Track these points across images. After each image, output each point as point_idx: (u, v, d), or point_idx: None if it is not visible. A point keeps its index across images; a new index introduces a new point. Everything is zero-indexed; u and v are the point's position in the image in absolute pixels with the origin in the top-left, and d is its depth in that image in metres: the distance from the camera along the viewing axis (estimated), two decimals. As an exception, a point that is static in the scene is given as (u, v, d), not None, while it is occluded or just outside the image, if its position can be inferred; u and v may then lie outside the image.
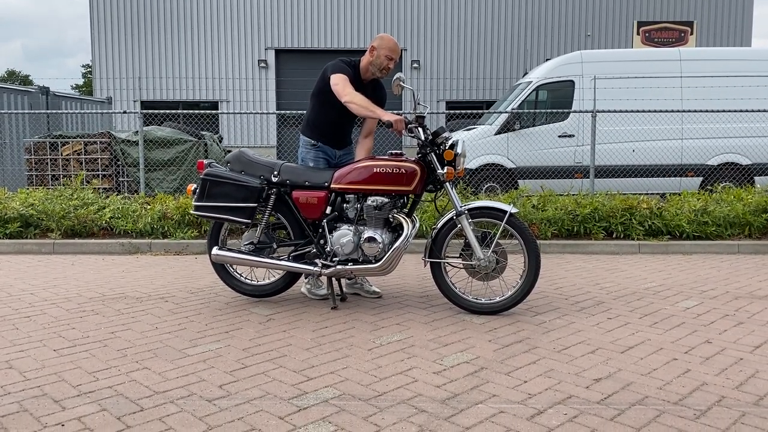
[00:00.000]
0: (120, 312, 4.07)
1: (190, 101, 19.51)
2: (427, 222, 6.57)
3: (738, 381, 2.87)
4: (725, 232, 6.91)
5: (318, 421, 2.45)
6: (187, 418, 2.48)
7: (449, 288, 4.03)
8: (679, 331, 3.66)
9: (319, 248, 4.10)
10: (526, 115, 10.06)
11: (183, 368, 3.02)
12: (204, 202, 4.08)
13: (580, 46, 19.41)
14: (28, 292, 4.63)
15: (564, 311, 4.10)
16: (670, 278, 5.20)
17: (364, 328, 3.71)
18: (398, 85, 3.98)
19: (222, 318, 3.92)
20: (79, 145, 9.51)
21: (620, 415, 2.50)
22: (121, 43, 19.49)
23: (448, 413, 2.52)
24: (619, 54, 11.23)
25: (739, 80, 9.87)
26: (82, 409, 2.54)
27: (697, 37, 19.94)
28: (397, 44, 4.24)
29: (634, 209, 6.94)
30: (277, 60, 19.81)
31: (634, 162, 9.90)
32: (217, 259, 4.19)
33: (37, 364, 3.07)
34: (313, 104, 4.38)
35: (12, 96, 11.86)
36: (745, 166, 9.97)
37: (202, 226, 6.87)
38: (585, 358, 3.18)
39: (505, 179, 9.91)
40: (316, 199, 4.06)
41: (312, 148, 4.38)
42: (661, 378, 2.90)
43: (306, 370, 3.00)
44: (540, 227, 6.78)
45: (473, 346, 3.37)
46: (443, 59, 19.92)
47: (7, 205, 6.98)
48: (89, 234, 6.90)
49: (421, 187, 3.99)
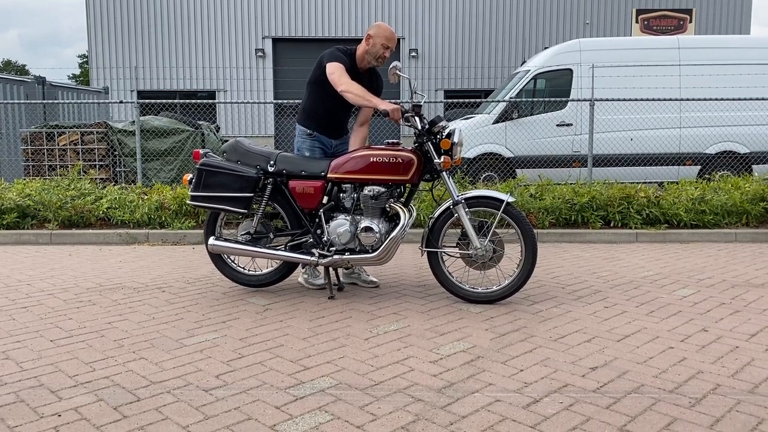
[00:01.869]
0: (117, 302, 4.07)
1: (187, 90, 19.43)
2: (424, 211, 6.56)
3: (733, 369, 2.88)
4: (723, 220, 6.91)
5: (314, 411, 2.46)
6: (184, 407, 2.48)
7: (446, 277, 4.03)
8: (675, 319, 3.67)
9: (315, 238, 4.09)
10: (524, 104, 10.03)
11: (180, 358, 3.03)
12: (200, 192, 4.08)
13: (579, 34, 19.33)
14: (24, 283, 4.63)
15: (561, 300, 4.10)
16: (667, 267, 5.21)
17: (361, 317, 3.72)
18: (395, 74, 3.96)
19: (219, 308, 3.92)
20: (76, 135, 9.46)
21: (615, 404, 2.51)
22: (118, 32, 19.39)
23: (444, 402, 2.53)
24: (617, 42, 11.18)
25: (737, 68, 9.83)
26: (78, 400, 2.55)
27: (696, 24, 19.87)
28: (393, 33, 4.21)
29: (631, 198, 6.94)
30: (274, 49, 19.71)
31: (632, 151, 9.88)
32: (214, 249, 4.19)
33: (33, 355, 3.07)
34: (309, 93, 4.36)
35: (8, 86, 11.80)
36: (743, 155, 9.95)
37: (199, 216, 6.86)
38: (581, 347, 3.18)
39: (503, 168, 9.89)
40: (313, 189, 4.05)
41: (308, 138, 4.36)
42: (657, 366, 2.91)
43: (303, 360, 3.01)
44: (537, 216, 6.78)
45: (470, 335, 3.37)
46: (441, 48, 19.84)
47: (4, 196, 6.96)
48: (86, 224, 6.89)
49: (418, 177, 3.98)
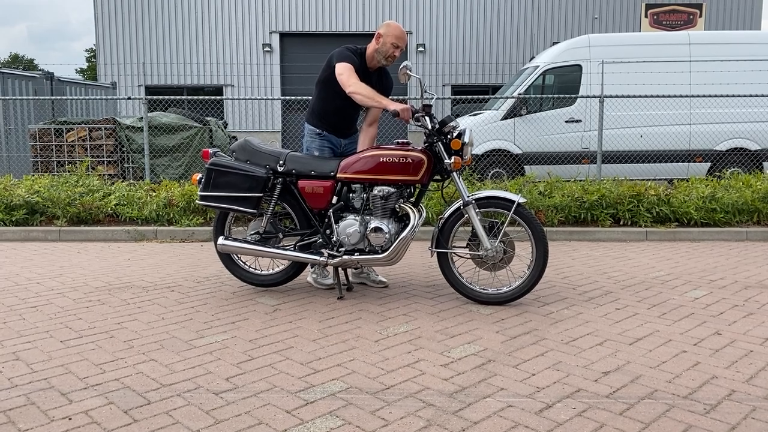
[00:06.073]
0: (126, 302, 4.06)
1: (194, 86, 19.43)
2: (433, 209, 6.54)
3: (748, 374, 2.84)
4: (733, 218, 6.86)
5: (325, 415, 2.44)
6: (194, 411, 2.47)
7: (456, 278, 4.01)
8: (687, 322, 3.64)
9: (325, 238, 4.08)
10: (533, 100, 9.98)
11: (190, 360, 3.02)
12: (209, 192, 4.06)
13: (588, 29, 19.21)
14: (34, 281, 4.63)
15: (571, 301, 4.08)
16: (678, 267, 5.17)
17: (371, 318, 3.70)
18: (405, 74, 3.92)
19: (228, 308, 3.92)
20: (84, 131, 9.47)
21: (629, 410, 2.48)
22: (125, 28, 19.39)
23: (456, 407, 2.51)
24: (626, 38, 11.10)
25: (748, 64, 9.75)
26: (89, 403, 2.54)
27: (706, 19, 19.69)
28: (403, 32, 4.17)
29: (641, 196, 6.88)
30: (281, 44, 19.67)
31: (641, 147, 9.81)
32: (223, 249, 4.18)
33: (44, 356, 3.07)
34: (318, 92, 4.33)
35: (17, 82, 11.82)
36: (754, 152, 9.87)
37: (207, 214, 6.85)
38: (593, 350, 3.16)
39: (511, 165, 9.84)
40: (322, 189, 4.03)
41: (317, 137, 4.34)
42: (671, 371, 2.88)
43: (313, 363, 2.99)
44: (547, 214, 6.74)
45: (480, 338, 3.35)
46: (449, 43, 19.74)
47: (13, 192, 6.98)
48: (95, 221, 6.90)
49: (427, 177, 3.95)
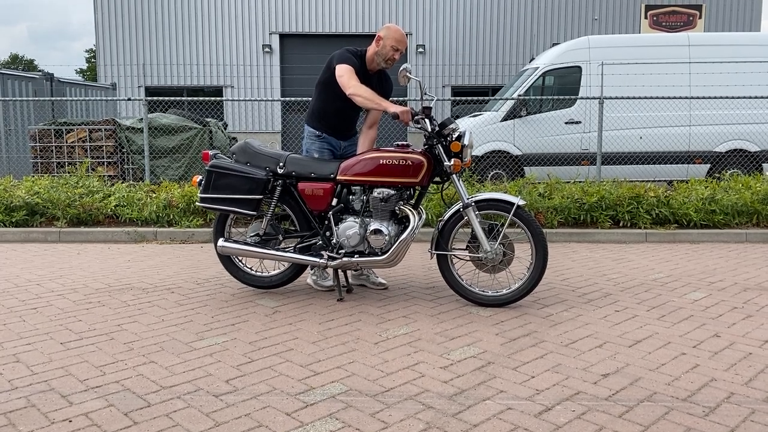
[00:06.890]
0: (126, 304, 4.07)
1: (194, 87, 19.43)
2: (432, 210, 6.54)
3: (747, 377, 2.85)
4: (733, 220, 6.86)
5: (325, 418, 2.45)
6: (194, 414, 2.48)
7: (456, 280, 4.02)
8: (687, 324, 3.64)
9: (325, 240, 4.08)
10: (533, 101, 9.99)
11: (190, 362, 3.02)
12: (209, 193, 4.07)
13: (588, 30, 19.22)
14: (34, 283, 4.64)
15: (571, 303, 4.08)
16: (677, 268, 5.17)
17: (371, 320, 3.71)
18: (404, 76, 3.93)
19: (228, 310, 3.92)
20: (84, 132, 9.47)
21: (628, 412, 2.49)
22: (125, 29, 19.39)
23: (456, 410, 2.52)
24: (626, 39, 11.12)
25: (748, 66, 9.76)
26: (89, 405, 2.55)
27: (706, 20, 19.70)
28: (404, 35, 4.18)
29: (641, 197, 6.89)
30: (281, 45, 19.68)
31: (641, 149, 9.82)
32: (223, 251, 4.18)
33: (44, 358, 3.07)
34: (318, 94, 4.34)
35: (16, 82, 11.82)
36: (754, 153, 9.89)
37: (207, 215, 6.86)
38: (592, 353, 3.16)
39: (511, 166, 9.85)
40: (322, 191, 4.04)
41: (317, 139, 4.34)
42: (670, 373, 2.89)
43: (313, 365, 3.00)
44: (546, 216, 6.75)
45: (480, 340, 3.36)
46: (448, 44, 19.75)
47: (13, 193, 6.98)
48: (95, 222, 6.91)
49: (427, 179, 3.96)
